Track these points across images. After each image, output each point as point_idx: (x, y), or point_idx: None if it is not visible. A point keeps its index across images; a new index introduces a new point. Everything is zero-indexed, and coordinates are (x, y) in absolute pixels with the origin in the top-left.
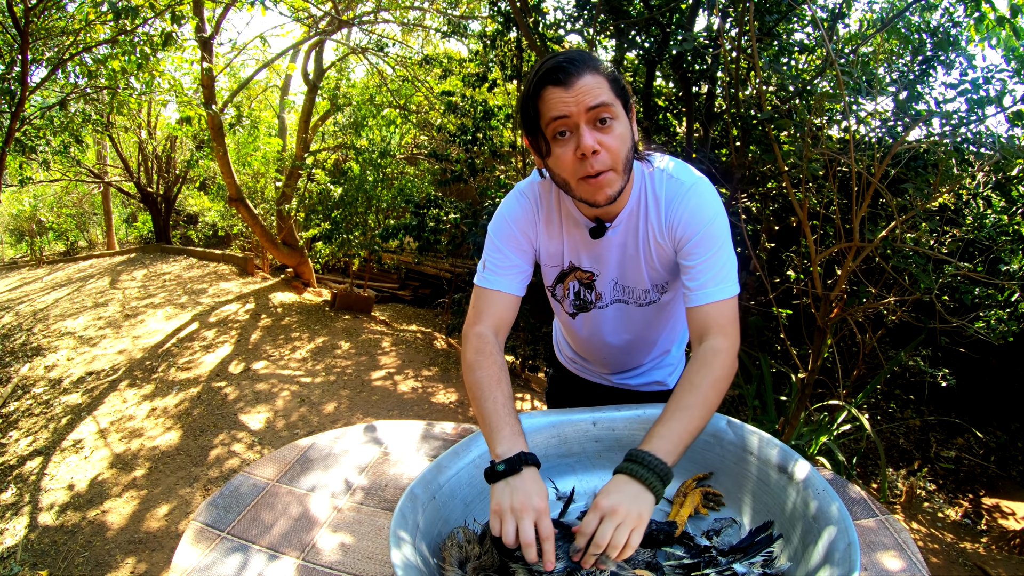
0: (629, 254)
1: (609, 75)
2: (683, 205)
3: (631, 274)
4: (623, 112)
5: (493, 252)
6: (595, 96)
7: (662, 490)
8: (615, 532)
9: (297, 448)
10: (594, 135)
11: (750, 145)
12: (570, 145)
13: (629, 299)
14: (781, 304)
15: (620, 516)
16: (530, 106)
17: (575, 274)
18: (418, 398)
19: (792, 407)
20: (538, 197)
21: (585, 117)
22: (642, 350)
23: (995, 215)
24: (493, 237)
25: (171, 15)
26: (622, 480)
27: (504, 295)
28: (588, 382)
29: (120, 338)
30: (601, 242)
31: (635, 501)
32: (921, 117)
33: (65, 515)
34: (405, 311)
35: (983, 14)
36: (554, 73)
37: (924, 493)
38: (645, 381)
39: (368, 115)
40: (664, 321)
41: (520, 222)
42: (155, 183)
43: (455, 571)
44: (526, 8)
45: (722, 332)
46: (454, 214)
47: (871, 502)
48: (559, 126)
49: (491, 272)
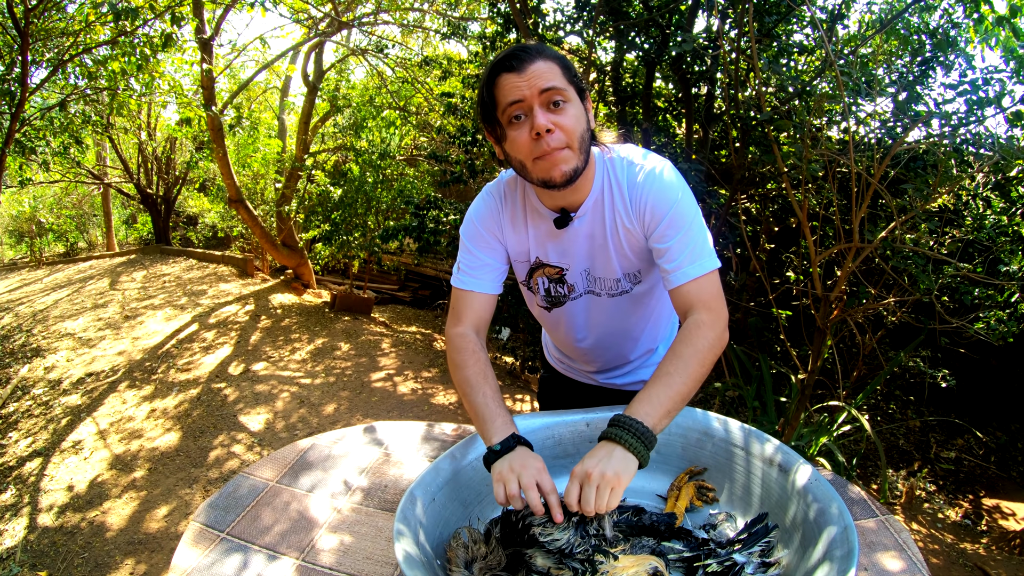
0: (597, 243)
1: (560, 62)
2: (647, 188)
3: (600, 264)
4: (576, 97)
5: (464, 254)
6: (547, 80)
7: (646, 453)
8: (596, 496)
9: (297, 449)
10: (547, 116)
11: (749, 146)
12: (525, 127)
13: (601, 290)
14: (781, 305)
15: (595, 479)
16: (485, 93)
17: (543, 270)
18: (418, 399)
19: (792, 408)
20: (503, 194)
21: (539, 100)
22: (623, 345)
23: (995, 216)
24: (463, 238)
25: (171, 16)
26: (604, 445)
27: (479, 295)
28: (576, 382)
29: (120, 339)
30: (567, 233)
31: (611, 462)
32: (920, 118)
33: (64, 516)
34: (405, 312)
35: (982, 15)
36: (507, 60)
37: (924, 494)
38: (631, 380)
39: (368, 116)
40: (642, 314)
41: (485, 221)
42: (155, 184)
43: (462, 572)
44: (525, 10)
45: (705, 307)
46: (454, 215)
47: (871, 502)
48: (514, 110)
49: (464, 274)
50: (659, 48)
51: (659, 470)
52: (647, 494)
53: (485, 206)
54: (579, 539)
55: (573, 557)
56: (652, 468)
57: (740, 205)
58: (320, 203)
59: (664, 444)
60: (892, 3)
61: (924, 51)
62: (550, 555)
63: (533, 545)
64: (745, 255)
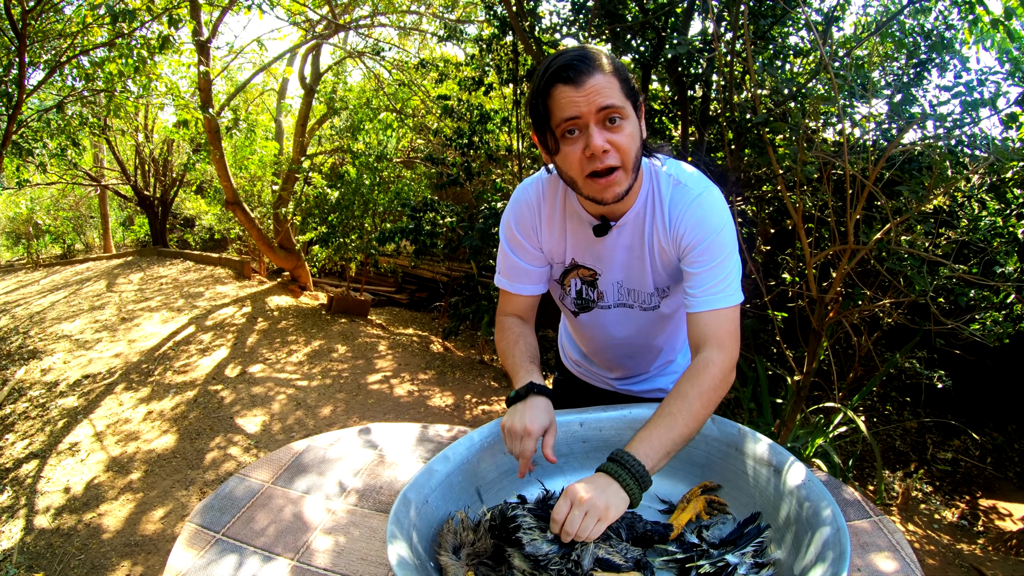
0: (635, 255)
1: (619, 74)
2: (689, 213)
3: (636, 276)
4: (632, 112)
5: (504, 257)
6: (606, 97)
7: (639, 493)
8: (583, 520)
9: (292, 451)
10: (604, 134)
11: (745, 149)
12: (579, 143)
13: (634, 303)
14: (777, 307)
15: (587, 506)
16: (539, 103)
17: (578, 271)
18: (414, 401)
19: (788, 409)
20: (542, 195)
21: (595, 117)
22: (647, 356)
23: (990, 217)
24: (502, 241)
25: (168, 18)
26: (601, 477)
27: (521, 297)
28: (591, 387)
29: (116, 341)
30: (605, 242)
31: (605, 495)
32: (915, 120)
33: (61, 518)
34: (402, 315)
35: (977, 16)
36: (565, 71)
37: (920, 495)
38: (648, 388)
39: (365, 119)
40: (667, 328)
41: (523, 225)
42: (152, 186)
43: (449, 556)
44: (522, 12)
45: (719, 344)
46: (450, 218)
47: (865, 503)
48: (569, 126)
49: (505, 277)
50: (655, 51)
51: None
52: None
53: (522, 209)
54: (557, 557)
55: (547, 570)
56: None
57: (736, 207)
58: (317, 205)
59: None
60: (887, 5)
61: (919, 53)
62: (526, 560)
63: (515, 545)
64: (743, 257)
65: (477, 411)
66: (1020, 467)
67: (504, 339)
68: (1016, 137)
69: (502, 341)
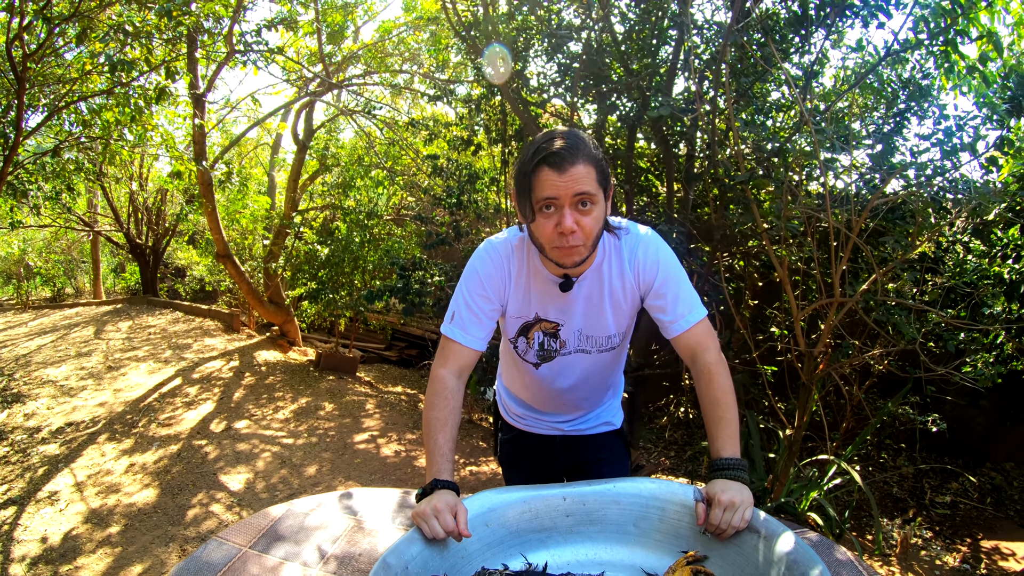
0: (593, 303)
1: (597, 164)
2: (646, 254)
3: (594, 322)
4: (602, 198)
5: (462, 305)
6: (583, 185)
7: (748, 479)
8: (744, 512)
9: (271, 515)
10: (574, 215)
11: (730, 205)
12: (553, 219)
13: (592, 348)
14: (766, 361)
15: (739, 504)
16: (526, 179)
17: (540, 325)
18: (401, 462)
19: (781, 464)
20: (511, 254)
21: (570, 200)
22: (597, 394)
23: (975, 259)
24: (465, 290)
25: (166, 70)
26: (725, 482)
27: (467, 349)
28: (538, 437)
29: (101, 390)
30: (568, 295)
31: (742, 491)
32: (896, 169)
33: (36, 568)
34: (391, 372)
35: (953, 63)
36: (552, 157)
37: (920, 541)
38: (595, 424)
39: (356, 175)
40: (616, 365)
41: (493, 279)
42: (144, 235)
43: None
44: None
45: (706, 348)
46: (439, 276)
47: (858, 564)
48: (547, 203)
49: (458, 327)
50: (640, 110)
51: (636, 543)
52: (626, 567)
53: (494, 265)
54: None
55: None
56: (630, 541)
57: (723, 263)
58: (307, 261)
59: (641, 517)
60: (865, 57)
61: (898, 102)
62: None
63: None
64: (729, 313)
65: (465, 472)
66: (1020, 505)
67: (436, 408)
68: (997, 179)
69: (434, 409)
